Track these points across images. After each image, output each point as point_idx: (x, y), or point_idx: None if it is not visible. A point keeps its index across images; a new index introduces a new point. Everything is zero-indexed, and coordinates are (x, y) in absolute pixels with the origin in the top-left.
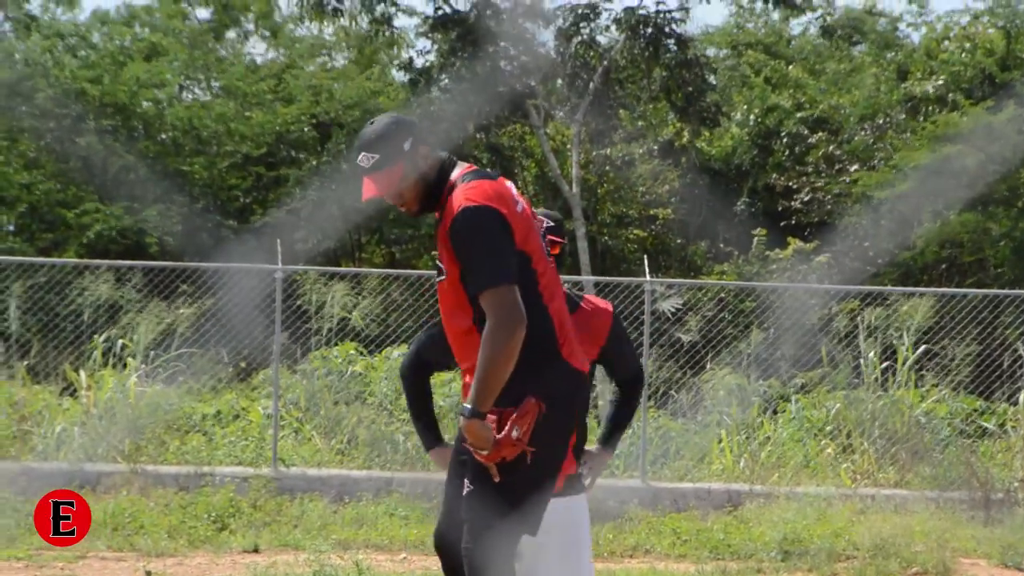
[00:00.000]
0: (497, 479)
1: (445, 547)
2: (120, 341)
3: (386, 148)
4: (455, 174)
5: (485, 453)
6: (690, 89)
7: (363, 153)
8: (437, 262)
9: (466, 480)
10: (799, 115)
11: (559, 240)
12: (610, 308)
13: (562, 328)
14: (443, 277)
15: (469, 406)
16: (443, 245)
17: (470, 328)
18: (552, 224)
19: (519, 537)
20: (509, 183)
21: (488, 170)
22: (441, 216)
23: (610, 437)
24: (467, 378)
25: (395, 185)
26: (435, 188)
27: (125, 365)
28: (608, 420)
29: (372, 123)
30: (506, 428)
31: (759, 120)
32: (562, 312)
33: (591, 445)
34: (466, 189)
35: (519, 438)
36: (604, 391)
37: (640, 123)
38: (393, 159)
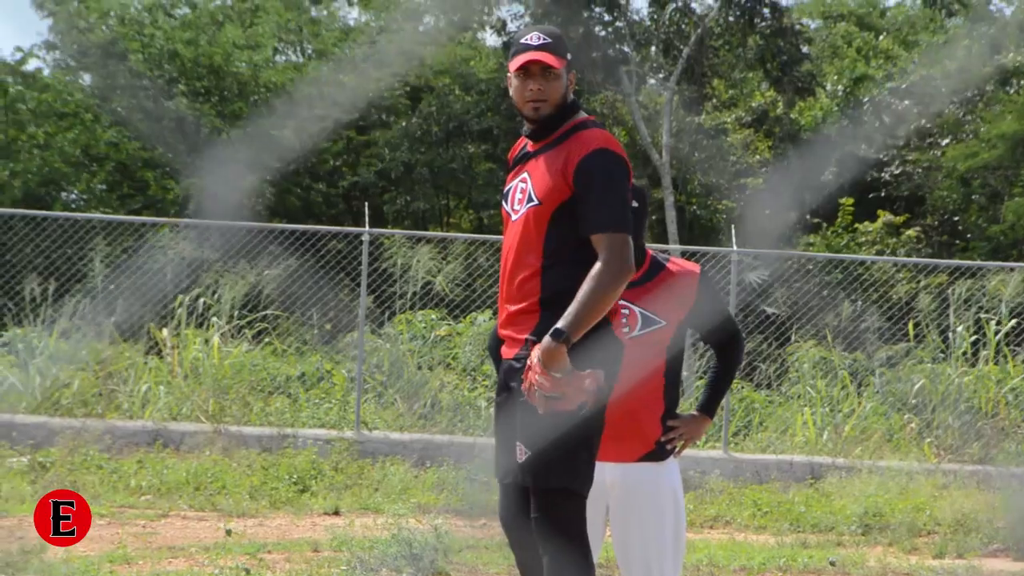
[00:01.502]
0: (541, 411)
1: (509, 523)
2: (202, 300)
3: (559, 43)
4: (581, 116)
5: (558, 376)
6: (785, 58)
7: (537, 33)
8: (528, 191)
9: (519, 447)
10: (889, 86)
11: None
12: (696, 270)
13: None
14: (533, 204)
15: (563, 329)
16: (552, 175)
17: (536, 272)
18: None
19: (584, 497)
20: None
21: None
22: (553, 145)
23: (708, 403)
24: (505, 321)
25: (552, 74)
26: (561, 114)
27: (210, 325)
28: (707, 386)
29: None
30: (583, 374)
31: (848, 90)
32: None
33: (688, 410)
34: (607, 135)
35: (587, 390)
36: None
37: (732, 92)
38: (560, 54)
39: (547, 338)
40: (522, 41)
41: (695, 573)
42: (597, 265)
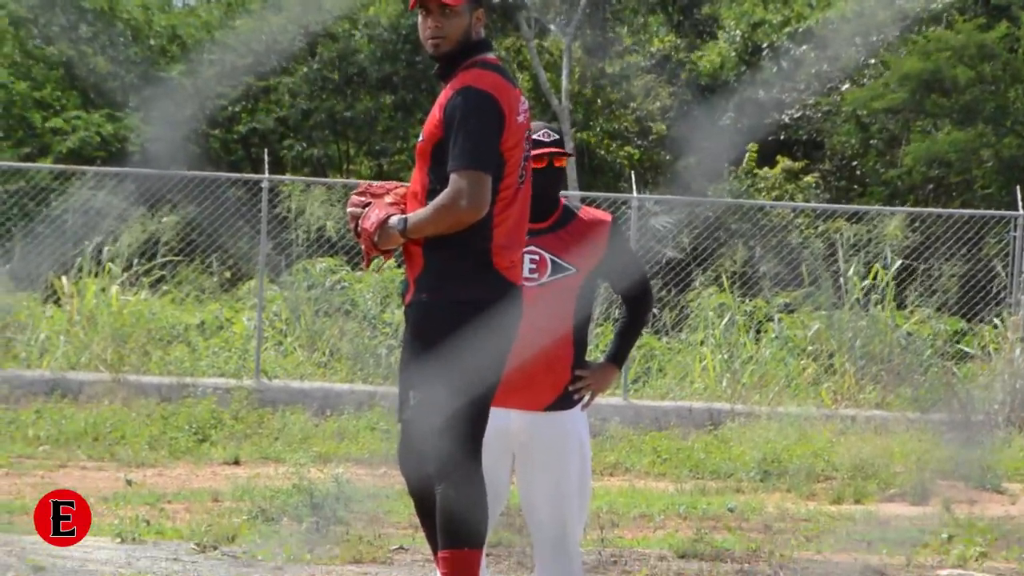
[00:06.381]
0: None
1: (403, 460)
2: (105, 249)
3: None
4: (482, 56)
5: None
6: (686, 1)
7: None
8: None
9: (411, 394)
10: (787, 30)
11: (567, 154)
12: (608, 218)
13: (504, 243)
14: (419, 140)
15: (407, 223)
16: (433, 114)
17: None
18: (557, 138)
19: (476, 436)
20: (523, 98)
21: (510, 75)
22: (447, 84)
23: (617, 353)
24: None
25: (450, 11)
26: (462, 53)
27: (108, 273)
28: (615, 336)
29: None
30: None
31: (746, 35)
32: (512, 231)
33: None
34: (478, 74)
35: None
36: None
37: (633, 38)
38: None
39: (395, 219)
40: None
41: (595, 520)
42: (445, 193)
